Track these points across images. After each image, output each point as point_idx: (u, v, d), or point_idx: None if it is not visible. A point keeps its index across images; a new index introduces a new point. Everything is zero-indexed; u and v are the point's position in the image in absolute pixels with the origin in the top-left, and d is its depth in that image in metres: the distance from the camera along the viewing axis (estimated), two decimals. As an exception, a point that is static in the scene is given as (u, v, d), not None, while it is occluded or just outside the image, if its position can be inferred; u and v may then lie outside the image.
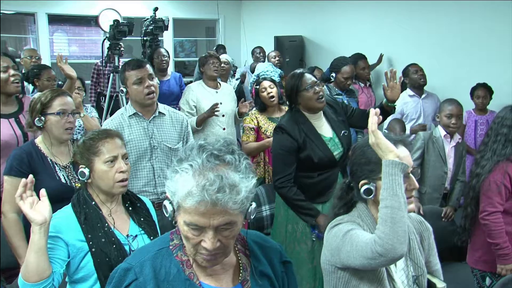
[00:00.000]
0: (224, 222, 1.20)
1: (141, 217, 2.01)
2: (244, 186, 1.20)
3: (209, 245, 1.21)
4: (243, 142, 3.86)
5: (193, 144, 1.27)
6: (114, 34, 5.05)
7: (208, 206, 1.17)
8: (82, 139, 2.00)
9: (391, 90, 2.91)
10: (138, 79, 2.74)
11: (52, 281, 1.74)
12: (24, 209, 1.69)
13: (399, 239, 1.53)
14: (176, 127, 2.91)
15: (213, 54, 4.47)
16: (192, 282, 1.31)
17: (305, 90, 2.80)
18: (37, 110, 2.46)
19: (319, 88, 2.82)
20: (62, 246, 1.83)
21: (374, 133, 1.64)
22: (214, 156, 1.21)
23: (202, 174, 1.18)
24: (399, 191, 1.56)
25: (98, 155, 1.94)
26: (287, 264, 1.49)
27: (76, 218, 1.89)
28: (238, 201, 1.18)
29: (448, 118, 3.52)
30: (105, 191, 1.96)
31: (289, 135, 2.78)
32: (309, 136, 2.80)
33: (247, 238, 1.44)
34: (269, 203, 3.55)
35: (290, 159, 2.80)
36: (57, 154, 2.51)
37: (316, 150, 2.80)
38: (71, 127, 2.50)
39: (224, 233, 1.23)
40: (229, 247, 1.28)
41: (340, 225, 1.73)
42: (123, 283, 1.30)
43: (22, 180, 1.73)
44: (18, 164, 2.41)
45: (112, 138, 1.97)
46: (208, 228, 1.20)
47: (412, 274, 1.77)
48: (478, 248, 2.83)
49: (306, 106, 2.85)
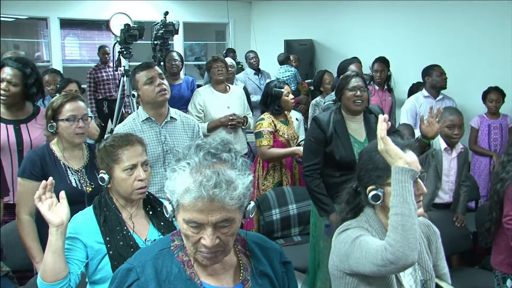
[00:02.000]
0: (222, 219, 1.22)
1: (161, 221, 2.00)
2: (240, 182, 1.23)
3: (208, 242, 1.23)
4: (265, 147, 3.74)
5: (191, 144, 1.29)
6: (125, 38, 5.08)
7: (206, 202, 1.19)
8: (103, 144, 1.99)
9: (429, 125, 2.96)
10: (149, 79, 2.76)
11: (69, 281, 1.76)
12: (42, 210, 1.72)
13: (410, 246, 1.52)
14: (188, 132, 2.91)
15: (217, 58, 4.47)
16: (193, 281, 1.32)
17: (348, 89, 2.95)
18: (49, 116, 2.48)
19: (361, 93, 2.94)
20: (80, 248, 1.85)
21: (383, 140, 1.63)
22: (211, 154, 1.24)
23: (199, 171, 1.21)
24: (410, 198, 1.56)
25: (118, 163, 1.93)
26: (287, 265, 1.50)
27: (96, 220, 1.91)
28: (235, 197, 1.21)
29: (450, 129, 3.36)
30: (124, 197, 1.97)
31: (320, 126, 2.95)
32: (338, 133, 2.93)
33: (247, 239, 1.45)
34: (279, 206, 3.55)
35: (316, 149, 2.96)
36: (70, 158, 2.51)
37: (340, 148, 2.90)
38: (83, 132, 2.48)
39: (222, 230, 1.24)
40: (229, 245, 1.29)
41: (349, 231, 1.73)
42: (125, 283, 1.32)
43: (42, 182, 1.76)
44: (31, 166, 2.42)
45: (132, 146, 1.96)
46: (207, 225, 1.22)
47: (420, 279, 1.76)
48: (502, 251, 2.81)
49: (345, 105, 2.99)
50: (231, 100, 4.36)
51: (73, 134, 2.45)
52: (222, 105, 4.29)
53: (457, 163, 3.47)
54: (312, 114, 4.78)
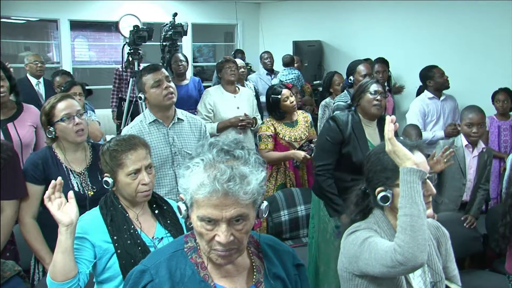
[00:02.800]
0: (236, 214, 1.22)
1: (167, 219, 2.01)
2: (254, 177, 1.23)
3: (222, 238, 1.23)
4: (263, 151, 3.79)
5: (204, 142, 1.31)
6: (134, 40, 5.11)
7: (220, 196, 1.20)
8: (107, 147, 1.99)
9: (437, 162, 3.04)
10: (156, 82, 2.75)
11: (78, 281, 1.77)
12: (52, 210, 1.73)
13: (419, 247, 1.51)
14: (195, 133, 2.91)
15: (229, 59, 4.50)
16: (207, 283, 1.32)
17: (368, 92, 2.97)
18: (44, 122, 2.46)
19: (381, 98, 2.97)
20: (88, 247, 1.86)
21: (391, 141, 1.62)
22: (224, 151, 1.25)
23: (213, 166, 1.22)
24: (418, 199, 1.55)
25: (122, 168, 1.93)
26: (300, 267, 1.49)
27: (103, 220, 1.92)
28: (248, 192, 1.21)
29: (469, 127, 3.39)
30: (128, 199, 1.98)
31: (338, 126, 2.94)
32: (356, 135, 2.94)
33: (260, 241, 1.45)
34: (288, 208, 3.55)
35: (332, 149, 2.96)
36: (72, 160, 2.49)
37: (358, 150, 2.90)
38: (82, 128, 2.44)
39: (237, 226, 1.24)
40: (243, 244, 1.29)
41: (358, 232, 1.73)
42: (139, 285, 1.32)
43: (52, 181, 1.78)
44: (33, 170, 2.41)
45: (136, 150, 1.95)
46: (221, 221, 1.22)
47: (430, 280, 1.75)
48: None
49: (363, 109, 3.00)
50: (240, 101, 4.36)
51: (73, 133, 2.42)
52: (232, 106, 4.30)
53: (477, 162, 3.48)
54: (322, 115, 4.77)
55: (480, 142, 3.52)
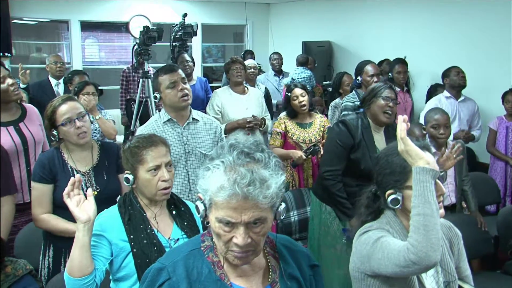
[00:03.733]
0: (255, 218, 1.23)
1: (184, 221, 2.02)
2: (274, 181, 1.24)
3: (240, 241, 1.23)
4: (270, 146, 3.87)
5: (224, 143, 1.31)
6: (144, 40, 5.13)
7: (240, 199, 1.20)
8: (128, 145, 2.01)
9: (447, 159, 2.97)
10: (172, 83, 2.76)
11: (94, 277, 1.79)
12: (70, 206, 1.76)
13: (432, 246, 1.51)
14: (210, 133, 2.92)
15: (236, 60, 4.49)
16: (223, 282, 1.33)
17: (381, 97, 2.87)
18: (47, 126, 2.49)
19: (393, 104, 2.88)
20: (105, 245, 1.88)
21: (404, 140, 1.62)
22: (244, 154, 1.25)
23: (233, 169, 1.23)
24: (431, 198, 1.55)
25: (142, 164, 1.96)
26: (315, 268, 1.50)
27: (120, 218, 1.94)
28: (268, 196, 1.22)
29: (436, 129, 3.35)
30: (148, 197, 2.00)
31: (349, 130, 2.86)
32: (366, 141, 2.86)
33: (276, 242, 1.46)
34: (297, 208, 3.55)
35: (342, 154, 2.87)
36: (78, 160, 2.51)
37: (366, 157, 2.83)
38: (84, 131, 2.45)
39: (255, 229, 1.25)
40: (260, 245, 1.29)
41: (370, 232, 1.73)
42: (157, 283, 1.33)
43: (71, 178, 1.80)
44: (40, 170, 2.44)
45: (156, 147, 1.98)
46: (240, 224, 1.23)
47: (443, 280, 1.74)
48: None
49: (373, 115, 2.91)
50: (249, 102, 4.37)
51: (75, 136, 2.44)
52: (240, 107, 4.30)
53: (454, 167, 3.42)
54: (332, 115, 4.76)
55: (448, 142, 3.46)
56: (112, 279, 1.97)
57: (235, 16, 9.04)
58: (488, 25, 5.37)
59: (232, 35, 10.59)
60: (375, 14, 7.04)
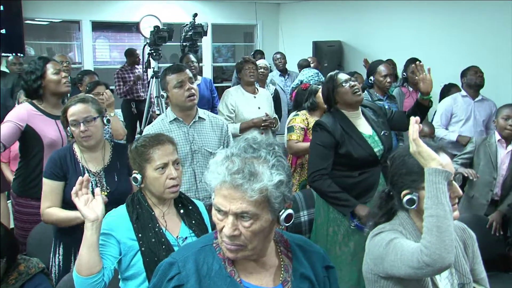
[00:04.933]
0: (242, 210, 1.24)
1: (192, 219, 2.03)
2: (266, 177, 1.24)
3: (226, 230, 1.26)
4: (292, 141, 3.86)
5: (243, 136, 1.35)
6: (155, 40, 5.15)
7: (228, 187, 1.24)
8: (135, 145, 2.03)
9: (423, 83, 2.95)
10: (179, 83, 2.78)
11: (103, 276, 1.80)
12: (78, 205, 1.78)
13: (446, 248, 1.50)
14: (216, 132, 2.93)
15: (248, 60, 4.49)
16: (233, 279, 1.33)
17: (340, 86, 2.86)
18: (63, 122, 2.54)
19: (354, 82, 2.87)
20: (113, 244, 1.89)
21: (416, 141, 1.61)
22: (250, 148, 1.28)
23: (230, 159, 1.26)
24: (444, 199, 1.54)
25: (150, 162, 1.97)
26: (330, 269, 1.49)
27: (129, 217, 1.95)
28: (255, 189, 1.22)
29: (505, 120, 3.45)
30: (156, 196, 2.01)
31: (327, 131, 2.82)
32: (348, 132, 2.83)
33: (290, 241, 1.46)
34: (307, 208, 3.53)
35: (326, 154, 2.82)
36: (89, 160, 2.53)
37: (356, 146, 2.81)
38: (87, 135, 2.46)
39: (244, 223, 1.26)
40: (251, 243, 1.29)
41: (383, 234, 1.71)
42: (167, 276, 1.36)
43: (79, 178, 1.82)
44: (52, 167, 2.47)
45: (163, 145, 1.99)
46: (229, 213, 1.25)
47: (457, 282, 1.72)
48: None
49: (344, 102, 2.88)
50: (260, 101, 4.38)
51: (79, 138, 2.47)
52: (253, 106, 4.32)
53: (511, 158, 3.44)
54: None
55: None
56: (121, 278, 1.98)
57: (245, 16, 9.04)
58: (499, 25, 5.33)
59: (242, 35, 10.61)
60: (385, 13, 7.01)
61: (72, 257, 2.49)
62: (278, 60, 6.94)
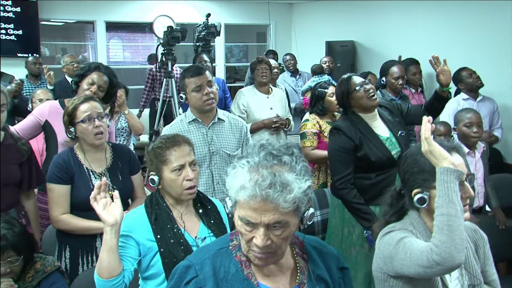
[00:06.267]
0: (275, 221, 1.23)
1: (211, 219, 2.04)
2: (297, 186, 1.23)
3: (259, 242, 1.24)
4: (308, 148, 3.79)
5: (256, 143, 1.32)
6: (168, 40, 5.18)
7: (259, 201, 1.21)
8: (152, 146, 2.04)
9: (442, 74, 2.93)
10: (197, 86, 2.77)
11: (123, 278, 1.82)
12: (97, 210, 1.78)
13: (456, 247, 1.50)
14: (236, 134, 2.92)
15: (262, 60, 4.49)
16: (250, 282, 1.34)
17: (355, 91, 2.83)
18: (66, 122, 2.52)
19: (369, 86, 2.84)
20: (133, 245, 1.91)
21: (427, 140, 1.62)
22: (272, 156, 1.26)
23: (256, 170, 1.23)
24: (455, 198, 1.54)
25: (166, 164, 1.97)
26: (345, 270, 1.49)
27: (147, 218, 1.96)
28: (288, 200, 1.21)
29: (469, 128, 3.30)
30: (174, 197, 2.02)
31: (345, 135, 2.80)
32: (366, 135, 2.82)
33: (305, 243, 1.46)
34: (320, 208, 3.53)
35: (348, 159, 2.81)
36: (93, 161, 2.53)
37: (374, 149, 2.80)
38: (101, 131, 2.48)
39: (275, 232, 1.25)
40: (281, 249, 1.30)
41: (392, 233, 1.71)
42: (184, 279, 1.35)
43: (97, 182, 1.84)
44: (57, 171, 2.46)
45: (179, 146, 1.99)
46: (260, 225, 1.24)
47: (468, 283, 1.72)
48: None
49: (360, 106, 2.86)
50: (273, 102, 4.38)
51: (92, 135, 2.47)
52: (265, 106, 4.31)
53: (483, 163, 3.36)
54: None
55: (479, 143, 3.41)
56: (140, 278, 2.00)
57: (258, 16, 9.05)
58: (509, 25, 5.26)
59: (255, 35, 10.61)
60: (399, 13, 6.96)
61: (79, 260, 2.50)
62: (288, 62, 6.95)
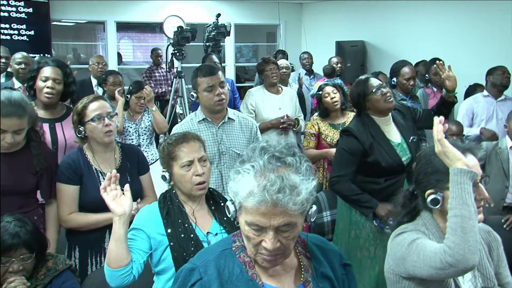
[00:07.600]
0: (284, 223, 1.22)
1: (224, 216, 2.04)
2: (304, 187, 1.23)
3: (269, 245, 1.24)
4: (304, 148, 3.87)
5: (255, 146, 1.30)
6: (178, 40, 5.20)
7: (269, 206, 1.20)
8: (163, 145, 2.08)
9: (448, 80, 2.97)
10: (209, 87, 2.77)
11: (131, 269, 1.85)
12: (107, 200, 1.83)
13: (470, 249, 1.48)
14: (245, 133, 2.92)
15: (269, 60, 4.47)
16: (255, 282, 1.33)
17: (372, 93, 2.81)
18: (75, 121, 2.51)
19: (386, 89, 2.82)
20: (143, 238, 1.94)
21: (440, 142, 1.60)
22: (275, 158, 1.25)
23: (263, 175, 1.22)
24: (469, 200, 1.52)
25: (176, 160, 2.01)
26: (348, 267, 1.49)
27: (160, 213, 1.99)
28: (298, 202, 1.21)
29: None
30: (185, 193, 2.04)
31: (356, 138, 2.79)
32: (378, 141, 2.80)
33: (307, 241, 1.46)
34: (330, 209, 3.52)
35: (351, 161, 2.80)
36: (102, 161, 2.53)
37: (384, 155, 2.78)
38: (110, 130, 2.48)
39: (284, 234, 1.25)
40: (289, 249, 1.29)
41: (405, 234, 1.70)
42: (188, 283, 1.34)
43: (107, 174, 1.88)
44: (66, 171, 2.47)
45: (188, 143, 2.03)
46: (269, 229, 1.23)
47: (481, 286, 1.70)
48: None
49: (376, 109, 2.84)
50: (283, 102, 4.37)
51: (102, 133, 2.47)
52: (274, 106, 4.31)
53: None
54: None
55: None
56: (154, 272, 2.02)
57: (268, 16, 9.05)
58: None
59: (265, 35, 10.61)
60: (409, 13, 6.94)
61: (88, 260, 2.51)
62: (306, 60, 6.90)
